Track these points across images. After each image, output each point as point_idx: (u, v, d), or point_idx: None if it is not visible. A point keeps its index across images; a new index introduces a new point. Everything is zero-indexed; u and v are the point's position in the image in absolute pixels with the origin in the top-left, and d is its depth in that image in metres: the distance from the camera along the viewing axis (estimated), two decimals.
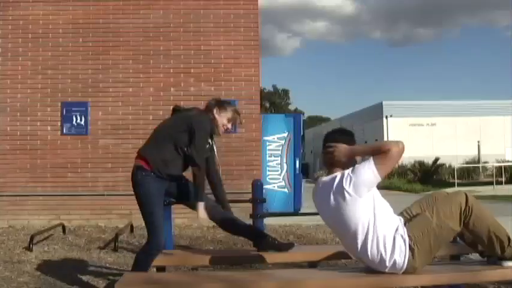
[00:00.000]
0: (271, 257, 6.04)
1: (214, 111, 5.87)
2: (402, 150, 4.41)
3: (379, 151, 4.38)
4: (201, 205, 5.67)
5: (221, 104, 6.00)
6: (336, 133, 4.83)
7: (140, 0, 13.88)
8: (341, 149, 4.57)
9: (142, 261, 5.51)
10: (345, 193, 4.34)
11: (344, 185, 4.35)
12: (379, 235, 4.37)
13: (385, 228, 4.39)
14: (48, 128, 13.47)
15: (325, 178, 4.62)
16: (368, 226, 4.37)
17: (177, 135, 5.63)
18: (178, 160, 5.66)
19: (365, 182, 4.33)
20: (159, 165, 5.55)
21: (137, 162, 5.64)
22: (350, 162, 4.52)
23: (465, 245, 5.12)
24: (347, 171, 4.41)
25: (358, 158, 4.56)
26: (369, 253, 4.39)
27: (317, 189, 4.71)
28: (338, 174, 4.47)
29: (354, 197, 4.33)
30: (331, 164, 4.64)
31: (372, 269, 4.49)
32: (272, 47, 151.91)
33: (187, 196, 5.95)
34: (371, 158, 4.39)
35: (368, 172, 4.32)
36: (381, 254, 4.36)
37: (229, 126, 6.05)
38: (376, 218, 4.38)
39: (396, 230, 4.42)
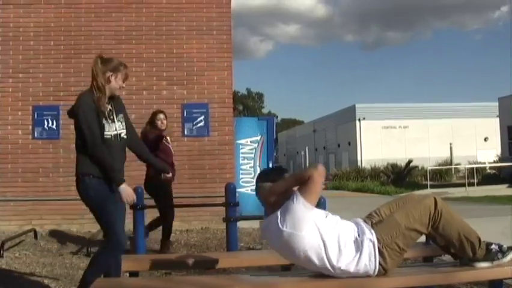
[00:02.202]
0: (245, 260, 6.02)
1: (112, 78, 5.55)
2: (322, 173, 4.39)
3: (301, 180, 4.38)
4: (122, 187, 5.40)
5: (114, 68, 5.61)
6: (263, 173, 4.87)
7: (112, 3, 13.80)
8: (265, 189, 4.58)
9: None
10: (284, 234, 4.34)
11: (281, 227, 4.34)
12: (335, 253, 4.36)
13: (340, 242, 4.39)
14: (20, 132, 13.34)
15: (264, 223, 4.60)
16: (322, 250, 4.36)
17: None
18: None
19: (300, 218, 4.31)
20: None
21: None
22: (282, 199, 4.47)
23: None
24: (279, 212, 4.39)
25: (292, 191, 4.45)
26: (337, 271, 4.39)
27: (262, 232, 4.75)
28: (273, 216, 4.44)
29: (295, 234, 4.32)
30: (265, 204, 4.65)
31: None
32: (245, 50, 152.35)
33: None
34: (297, 191, 4.36)
35: (299, 207, 4.30)
36: (349, 266, 4.37)
37: (124, 85, 5.71)
38: (326, 240, 4.37)
39: (359, 235, 4.45)
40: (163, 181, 8.77)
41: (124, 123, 5.70)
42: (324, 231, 4.39)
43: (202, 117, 13.60)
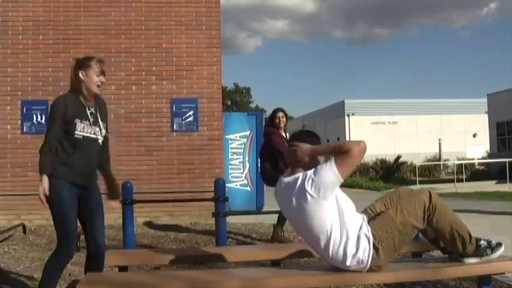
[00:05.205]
0: (234, 255, 6.03)
1: (81, 75, 5.45)
2: (363, 150, 4.40)
3: (340, 151, 4.36)
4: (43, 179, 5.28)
5: (82, 65, 5.50)
6: (301, 133, 4.80)
7: None
8: (303, 148, 4.55)
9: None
10: (308, 195, 4.33)
11: (306, 186, 4.34)
12: (342, 236, 4.38)
13: (348, 229, 4.40)
14: (8, 126, 13.30)
15: (287, 178, 4.58)
16: (331, 227, 4.37)
17: None
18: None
19: (326, 184, 4.30)
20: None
21: None
22: (312, 163, 4.50)
23: (427, 242, 5.17)
24: (309, 173, 4.39)
25: (321, 159, 4.53)
26: (331, 253, 4.41)
27: (279, 189, 4.69)
28: (300, 175, 4.45)
29: (316, 199, 4.33)
30: (294, 163, 4.62)
31: (336, 267, 4.51)
32: (233, 46, 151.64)
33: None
34: (333, 158, 4.36)
35: (330, 173, 4.30)
36: (344, 254, 4.38)
37: (103, 79, 5.63)
38: (339, 219, 4.39)
39: (360, 228, 4.44)
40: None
41: (103, 131, 5.68)
42: (341, 210, 4.43)
43: (191, 112, 13.59)
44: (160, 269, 7.03)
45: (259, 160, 10.83)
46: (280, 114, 10.19)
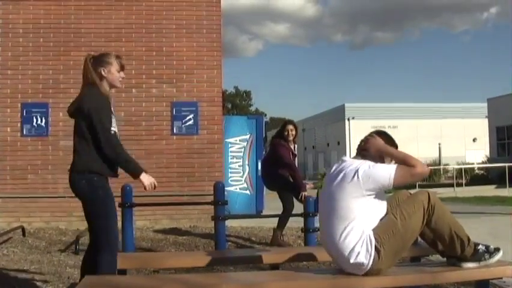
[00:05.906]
0: (233, 259, 6.03)
1: (102, 73, 5.50)
2: (424, 173, 4.67)
3: (405, 163, 4.56)
4: (143, 175, 5.41)
5: (102, 62, 5.56)
6: (380, 132, 5.07)
7: (102, 0, 13.76)
8: (377, 140, 4.85)
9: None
10: (355, 176, 4.45)
11: (359, 170, 4.47)
12: (359, 231, 4.41)
13: (367, 228, 4.45)
14: (8, 129, 13.28)
15: (347, 158, 4.77)
16: (355, 218, 4.44)
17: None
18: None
19: (376, 178, 4.44)
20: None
21: None
22: (376, 158, 4.71)
23: (425, 247, 5.18)
24: (369, 162, 4.58)
25: (387, 161, 4.73)
26: (341, 242, 4.44)
27: (335, 164, 4.86)
28: (361, 161, 4.63)
29: (359, 184, 4.44)
30: (361, 150, 4.88)
31: (336, 267, 4.53)
32: (233, 49, 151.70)
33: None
34: (396, 164, 4.55)
35: (385, 172, 4.47)
36: (352, 249, 4.40)
37: (123, 74, 5.71)
38: (366, 216, 4.46)
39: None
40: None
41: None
42: (372, 210, 4.53)
43: (191, 116, 13.57)
44: (159, 272, 7.03)
45: (260, 165, 10.83)
46: (290, 127, 10.21)
